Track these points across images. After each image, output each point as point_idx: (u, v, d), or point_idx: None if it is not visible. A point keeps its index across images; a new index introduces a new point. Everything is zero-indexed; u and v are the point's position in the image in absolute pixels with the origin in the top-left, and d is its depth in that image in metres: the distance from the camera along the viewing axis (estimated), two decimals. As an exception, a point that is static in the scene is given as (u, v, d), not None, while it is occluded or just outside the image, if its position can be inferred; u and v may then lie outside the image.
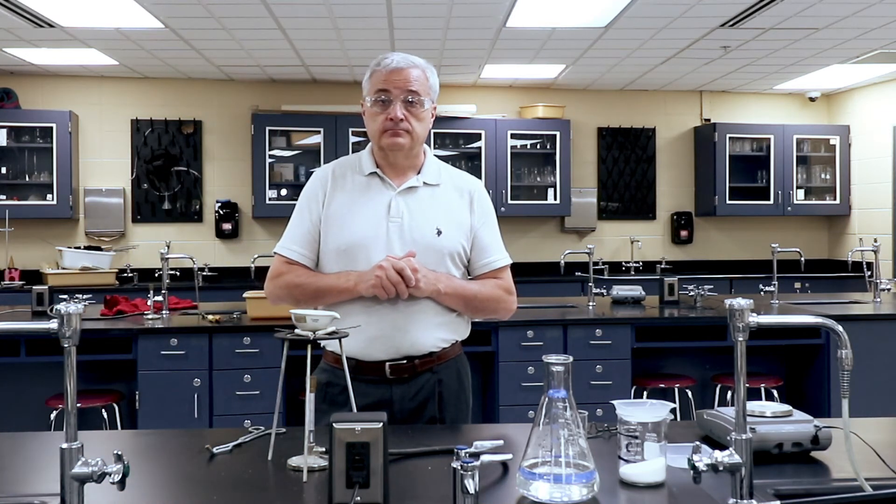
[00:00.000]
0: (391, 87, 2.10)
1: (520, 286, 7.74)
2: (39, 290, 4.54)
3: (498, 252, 2.22)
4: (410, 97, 2.11)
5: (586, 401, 3.07)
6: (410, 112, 2.11)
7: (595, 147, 7.88)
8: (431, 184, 2.19)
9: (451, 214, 2.17)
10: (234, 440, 1.82)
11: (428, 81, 2.16)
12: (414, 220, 2.12)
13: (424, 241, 2.10)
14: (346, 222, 2.12)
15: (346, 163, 2.25)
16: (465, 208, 2.19)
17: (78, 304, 2.89)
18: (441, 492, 1.46)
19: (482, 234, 2.20)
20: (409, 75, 2.11)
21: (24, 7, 4.94)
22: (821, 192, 7.88)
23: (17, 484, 1.61)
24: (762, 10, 5.08)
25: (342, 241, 2.11)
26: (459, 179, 2.25)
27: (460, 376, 2.21)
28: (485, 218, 2.22)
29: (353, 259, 2.10)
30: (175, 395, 4.12)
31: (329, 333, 1.71)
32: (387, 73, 2.11)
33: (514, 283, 2.27)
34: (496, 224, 2.26)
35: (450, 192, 2.20)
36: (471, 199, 2.21)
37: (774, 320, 1.40)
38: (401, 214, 2.12)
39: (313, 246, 2.17)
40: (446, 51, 6.19)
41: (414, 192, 2.16)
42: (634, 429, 1.54)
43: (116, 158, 7.21)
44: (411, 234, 2.10)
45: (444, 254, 2.12)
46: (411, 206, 2.14)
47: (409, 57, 2.15)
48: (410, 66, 2.13)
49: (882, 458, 1.64)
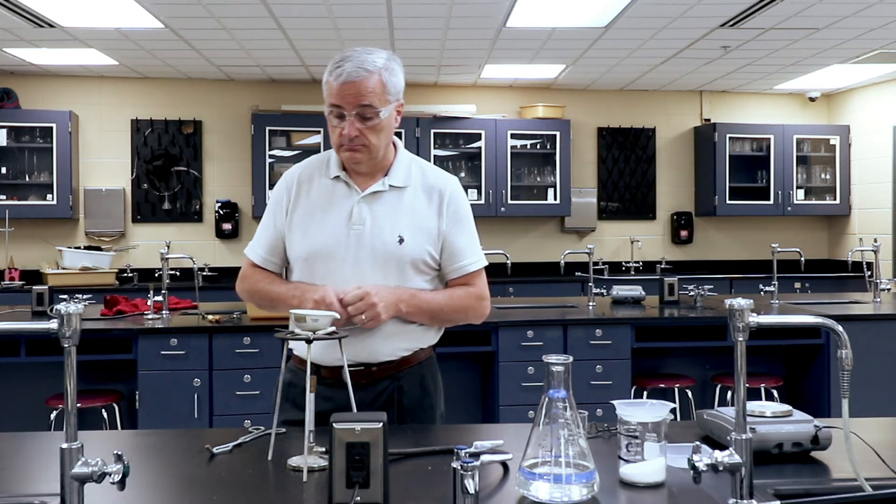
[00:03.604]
0: (342, 103, 1.97)
1: (520, 286, 7.71)
2: (39, 290, 4.54)
3: (470, 255, 2.12)
4: (364, 112, 1.97)
5: (586, 401, 3.07)
6: (366, 125, 1.98)
7: (595, 147, 7.88)
8: (398, 186, 2.08)
9: (416, 219, 2.06)
10: (234, 440, 1.81)
11: (386, 86, 2.00)
12: (376, 227, 2.03)
13: (385, 249, 2.01)
14: (309, 230, 2.06)
15: (314, 164, 2.15)
16: (433, 211, 2.08)
17: (78, 304, 2.89)
18: (441, 492, 1.46)
19: (453, 237, 2.09)
20: (361, 88, 1.96)
21: (24, 7, 4.94)
22: (821, 192, 7.88)
23: (17, 484, 1.61)
24: (762, 10, 5.08)
25: (303, 250, 2.06)
26: (431, 179, 2.12)
27: (424, 383, 2.13)
28: (456, 220, 2.10)
29: (314, 268, 2.05)
30: (175, 395, 4.12)
31: (329, 333, 1.71)
32: (338, 87, 1.96)
33: (487, 286, 2.18)
34: (470, 225, 2.15)
35: (418, 194, 2.09)
36: (440, 200, 2.09)
37: (774, 320, 1.40)
38: (362, 221, 2.03)
39: (278, 251, 2.13)
40: (446, 51, 6.19)
41: (379, 196, 2.06)
42: (634, 429, 1.54)
43: (116, 158, 7.21)
44: (372, 243, 2.02)
45: (406, 262, 2.03)
46: (375, 211, 2.05)
47: (365, 61, 1.97)
48: (363, 77, 1.96)
49: (882, 458, 1.64)
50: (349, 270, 2.01)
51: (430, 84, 7.48)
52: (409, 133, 7.02)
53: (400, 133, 7.05)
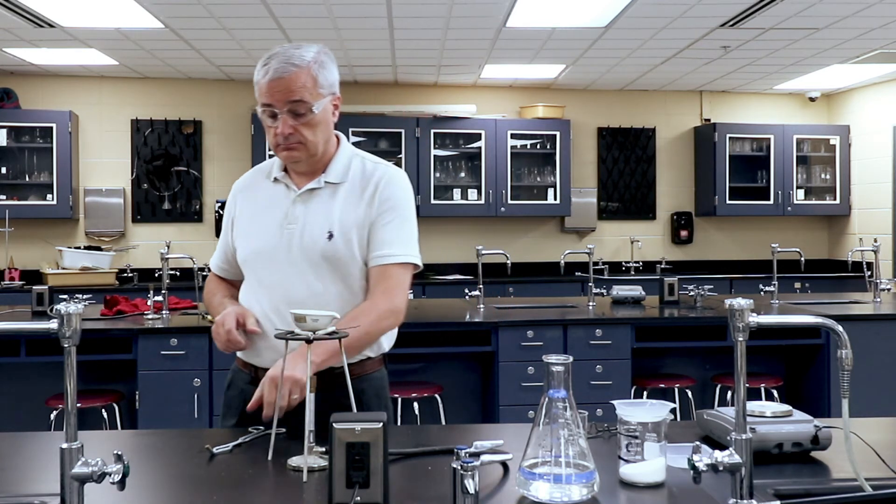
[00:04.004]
0: (272, 101, 1.92)
1: (520, 286, 7.70)
2: (39, 290, 4.54)
3: (392, 247, 1.99)
4: (297, 107, 1.93)
5: (586, 401, 3.07)
6: (299, 122, 1.94)
7: (595, 147, 7.88)
8: (334, 182, 2.02)
9: (347, 213, 1.99)
10: (234, 440, 1.81)
11: (317, 80, 1.94)
12: (307, 226, 1.99)
13: (316, 247, 1.97)
14: (249, 234, 2.07)
15: (260, 169, 2.16)
16: (364, 202, 2.00)
17: (78, 304, 2.89)
18: (441, 492, 1.46)
19: (378, 227, 1.99)
20: (290, 84, 1.91)
21: (24, 7, 4.94)
22: (821, 192, 7.88)
23: (17, 484, 1.61)
24: (762, 10, 5.08)
25: (242, 254, 2.07)
26: (371, 171, 2.04)
27: (364, 398, 1.99)
28: (385, 209, 2.00)
29: (254, 271, 2.05)
30: (175, 395, 4.12)
31: (329, 333, 1.71)
32: (267, 84, 1.92)
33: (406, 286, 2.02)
34: (404, 217, 2.03)
35: (354, 188, 2.02)
36: (374, 190, 2.01)
37: (774, 320, 1.40)
38: (296, 220, 2.00)
39: (231, 259, 2.15)
40: (446, 51, 6.19)
41: (314, 194, 2.02)
42: (634, 429, 1.54)
43: (116, 158, 7.21)
44: (303, 241, 1.98)
45: (337, 259, 1.97)
46: (309, 209, 2.00)
47: (292, 57, 1.92)
48: (291, 73, 1.90)
49: (882, 458, 1.64)
50: (284, 271, 1.99)
51: (430, 84, 7.48)
52: (409, 133, 7.02)
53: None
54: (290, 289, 1.97)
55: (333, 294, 1.98)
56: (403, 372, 4.53)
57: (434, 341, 4.30)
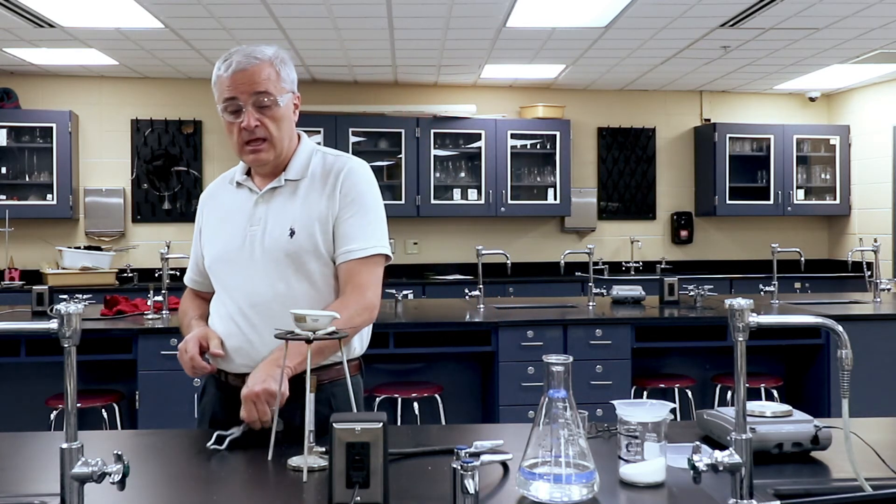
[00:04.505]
0: (237, 93, 1.91)
1: (520, 286, 7.69)
2: (39, 290, 4.54)
3: (357, 241, 1.95)
4: (262, 98, 1.92)
5: (586, 401, 3.07)
6: (265, 115, 1.92)
7: (595, 147, 7.88)
8: (294, 179, 2.00)
9: (307, 208, 1.96)
10: (232, 440, 1.81)
11: (279, 74, 1.94)
12: (269, 226, 1.96)
13: (279, 245, 1.93)
14: (214, 240, 2.06)
15: (225, 177, 2.14)
16: (325, 196, 1.96)
17: (78, 304, 2.89)
18: (441, 492, 1.46)
19: (341, 219, 1.95)
20: (255, 75, 1.91)
21: (24, 7, 4.94)
22: (821, 192, 7.88)
23: (17, 484, 1.61)
24: (762, 10, 5.08)
25: (208, 259, 2.07)
26: (331, 164, 2.01)
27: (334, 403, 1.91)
28: (348, 202, 1.96)
29: (217, 276, 2.03)
30: (175, 395, 4.11)
31: (329, 333, 1.70)
32: (230, 78, 1.91)
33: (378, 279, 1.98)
34: (368, 209, 1.98)
35: (315, 182, 1.99)
36: (335, 183, 1.97)
37: (774, 320, 1.40)
38: (259, 222, 1.98)
39: (202, 270, 2.14)
40: (446, 51, 6.19)
41: (275, 193, 2.00)
42: (634, 429, 1.54)
43: (116, 158, 7.21)
44: (265, 242, 1.95)
45: (300, 255, 1.93)
46: (271, 209, 1.98)
47: (253, 52, 1.93)
48: (255, 63, 1.91)
49: (882, 458, 1.64)
50: (246, 273, 1.96)
51: (430, 84, 7.48)
52: (409, 133, 7.01)
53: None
54: (253, 290, 1.95)
55: (299, 294, 1.93)
56: (403, 372, 4.53)
57: (434, 341, 4.30)
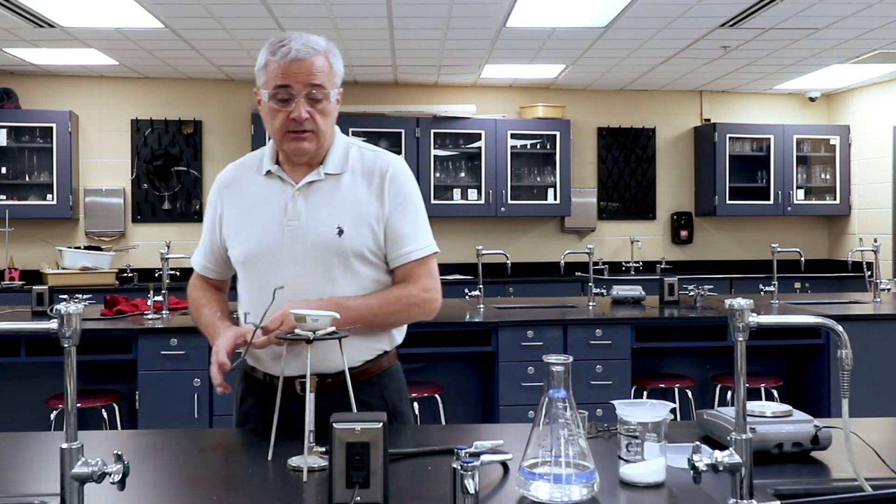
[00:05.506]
0: (292, 82, 1.84)
1: (520, 286, 7.68)
2: (39, 290, 4.54)
3: (414, 242, 1.94)
4: (315, 92, 1.85)
5: (586, 401, 3.07)
6: (315, 108, 1.86)
7: (595, 147, 7.88)
8: (335, 173, 1.93)
9: (355, 207, 1.91)
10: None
11: (332, 68, 1.89)
12: (313, 221, 1.89)
13: (324, 243, 1.88)
14: (243, 233, 1.96)
15: (246, 163, 2.05)
16: (373, 196, 1.92)
17: (78, 304, 2.89)
18: (441, 492, 1.46)
19: (394, 222, 1.92)
20: (312, 66, 1.84)
21: (24, 7, 4.94)
22: (821, 192, 7.88)
23: (17, 484, 1.61)
24: (762, 10, 5.08)
25: (240, 254, 1.97)
26: (371, 162, 1.96)
27: (386, 394, 1.98)
28: (398, 203, 1.93)
29: (254, 271, 1.94)
30: (175, 395, 4.12)
31: (329, 333, 1.70)
32: (286, 65, 1.84)
33: (437, 275, 1.99)
34: (417, 208, 1.97)
35: (357, 179, 1.94)
36: (381, 183, 1.93)
37: (774, 320, 1.40)
38: (298, 216, 1.90)
39: (216, 258, 2.08)
40: (446, 51, 6.19)
41: (315, 187, 1.92)
42: (634, 429, 1.54)
43: (116, 158, 7.21)
44: (309, 237, 1.88)
45: (349, 254, 1.89)
46: (312, 203, 1.91)
47: (310, 41, 1.86)
48: (312, 55, 1.84)
49: (882, 458, 1.64)
50: (289, 270, 1.89)
51: (430, 84, 7.48)
52: (409, 133, 7.01)
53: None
54: (297, 290, 1.86)
55: (344, 293, 1.90)
56: (404, 372, 4.53)
57: (434, 341, 4.29)
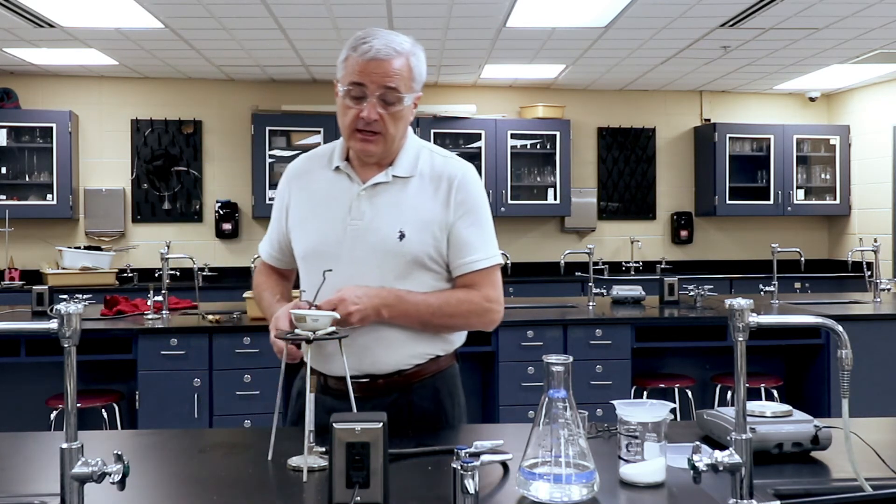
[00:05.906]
0: (367, 81, 1.81)
1: (520, 286, 7.67)
2: (39, 290, 4.54)
3: (478, 251, 1.91)
4: (388, 94, 1.82)
5: (586, 401, 3.07)
6: (387, 111, 1.83)
7: (595, 147, 7.88)
8: (403, 176, 1.90)
9: (419, 212, 1.88)
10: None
11: (412, 72, 1.86)
12: (375, 222, 1.87)
13: (385, 246, 1.85)
14: (307, 228, 1.95)
15: (318, 155, 2.02)
16: (439, 202, 1.89)
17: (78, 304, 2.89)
18: (441, 492, 1.46)
19: (459, 229, 1.89)
20: (389, 67, 1.80)
21: (24, 7, 4.94)
22: (821, 192, 7.88)
23: (17, 484, 1.61)
24: (762, 10, 5.08)
25: (301, 249, 1.96)
26: (441, 167, 1.93)
27: (439, 397, 1.96)
28: (464, 211, 1.90)
29: (313, 267, 1.90)
30: (175, 395, 4.12)
31: (329, 334, 1.70)
32: (364, 63, 1.80)
33: (501, 287, 1.97)
34: (483, 217, 1.94)
35: (425, 184, 1.91)
36: (448, 189, 1.90)
37: (774, 320, 1.40)
38: (362, 216, 1.88)
39: (283, 248, 2.06)
40: (446, 51, 6.19)
41: (381, 188, 1.90)
42: (634, 429, 1.54)
43: (116, 158, 7.21)
44: (370, 238, 1.86)
45: (409, 259, 1.86)
46: (376, 204, 1.89)
47: (394, 40, 1.82)
48: (392, 56, 1.81)
49: (882, 458, 1.64)
50: (347, 269, 1.86)
51: (430, 84, 7.48)
52: (409, 133, 7.01)
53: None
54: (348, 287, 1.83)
55: None
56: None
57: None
